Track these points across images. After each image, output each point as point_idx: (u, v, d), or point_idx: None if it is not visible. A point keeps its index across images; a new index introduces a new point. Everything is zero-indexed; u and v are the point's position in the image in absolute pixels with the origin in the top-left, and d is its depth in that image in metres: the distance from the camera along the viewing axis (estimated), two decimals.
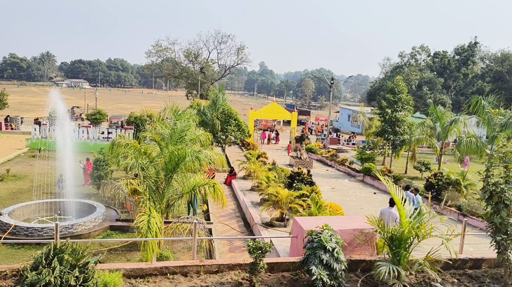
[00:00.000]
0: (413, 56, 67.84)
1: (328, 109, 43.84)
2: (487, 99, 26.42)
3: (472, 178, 21.49)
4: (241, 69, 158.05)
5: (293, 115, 41.93)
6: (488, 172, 5.96)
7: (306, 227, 5.69)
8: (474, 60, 65.04)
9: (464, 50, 64.78)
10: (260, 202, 17.51)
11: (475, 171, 6.61)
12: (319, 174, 27.37)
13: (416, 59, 67.80)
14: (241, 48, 63.23)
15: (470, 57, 64.17)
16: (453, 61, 64.19)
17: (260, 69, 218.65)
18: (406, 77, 54.27)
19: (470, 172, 22.16)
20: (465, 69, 62.97)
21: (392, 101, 29.45)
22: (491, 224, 5.79)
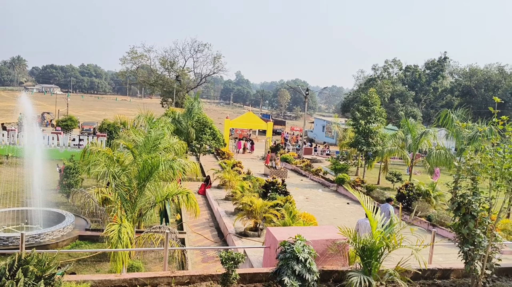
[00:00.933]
0: (386, 69, 69.50)
1: (303, 119, 44.29)
2: (456, 113, 27.32)
3: (442, 189, 22.04)
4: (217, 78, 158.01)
5: (269, 125, 42.14)
6: (456, 184, 6.13)
7: (279, 237, 5.68)
8: (444, 74, 67.15)
9: (434, 65, 66.85)
10: (234, 212, 17.41)
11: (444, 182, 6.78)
12: (294, 184, 27.49)
13: (389, 73, 69.48)
14: (217, 57, 63.35)
15: (440, 72, 66.23)
16: (423, 75, 66.10)
17: (236, 78, 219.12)
18: (379, 90, 55.48)
19: (440, 183, 22.74)
20: (435, 83, 64.92)
21: (366, 113, 30.00)
22: (459, 235, 5.93)
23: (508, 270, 7.17)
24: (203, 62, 66.75)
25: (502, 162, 5.81)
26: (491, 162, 5.92)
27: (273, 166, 30.33)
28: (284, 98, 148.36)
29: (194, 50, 63.29)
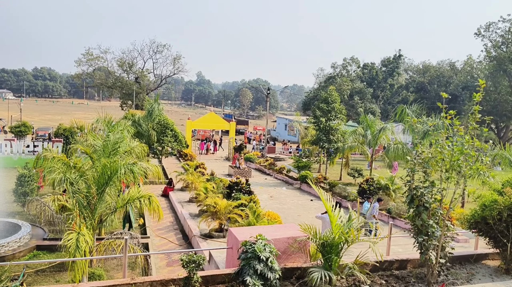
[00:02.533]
0: (345, 67, 71.02)
1: (266, 118, 44.57)
2: (411, 108, 28.35)
3: (400, 182, 22.80)
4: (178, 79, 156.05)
5: (231, 125, 42.09)
6: (410, 177, 6.36)
7: (241, 237, 5.70)
8: (399, 71, 69.42)
9: (390, 62, 68.99)
10: (198, 213, 17.28)
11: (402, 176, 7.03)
12: (258, 183, 27.59)
13: (348, 70, 71.04)
14: (177, 58, 62.42)
15: (395, 69, 68.41)
16: (380, 73, 68.07)
17: (197, 79, 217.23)
18: (339, 88, 56.58)
19: (398, 177, 23.52)
20: (391, 80, 67.00)
21: (326, 111, 30.54)
22: (413, 226, 6.16)
23: (461, 258, 7.52)
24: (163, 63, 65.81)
25: (451, 154, 6.09)
26: (441, 155, 6.19)
27: (237, 166, 30.34)
28: (246, 98, 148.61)
29: (153, 51, 62.16)
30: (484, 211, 7.01)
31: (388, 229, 7.93)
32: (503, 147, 23.77)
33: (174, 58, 62.44)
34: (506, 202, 6.72)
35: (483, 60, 60.12)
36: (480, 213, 7.14)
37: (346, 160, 32.48)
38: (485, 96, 56.52)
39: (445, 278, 6.49)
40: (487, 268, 7.25)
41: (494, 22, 55.88)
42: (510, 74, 54.14)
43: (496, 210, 6.77)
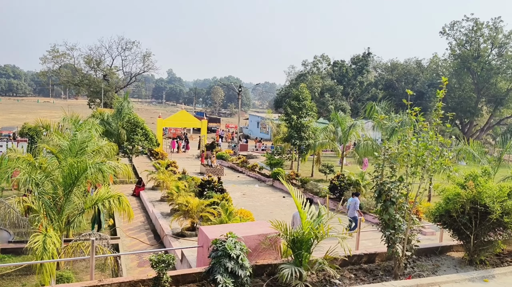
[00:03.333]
0: (315, 65, 71.81)
1: (238, 116, 44.55)
2: (380, 105, 28.98)
3: (369, 178, 23.27)
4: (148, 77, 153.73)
5: (203, 123, 41.81)
6: (377, 173, 6.51)
7: (211, 236, 5.68)
8: (368, 69, 70.80)
9: (359, 60, 70.24)
10: (170, 212, 17.11)
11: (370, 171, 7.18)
12: (230, 181, 27.57)
13: (318, 68, 71.85)
14: (147, 55, 61.42)
15: (364, 67, 69.71)
16: (350, 70, 69.20)
17: (168, 76, 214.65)
18: (310, 85, 57.17)
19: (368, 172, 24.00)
20: (360, 78, 68.24)
21: (297, 108, 30.77)
22: (381, 220, 6.31)
23: (427, 250, 7.76)
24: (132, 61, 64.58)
25: (416, 150, 6.27)
26: (407, 150, 6.36)
27: (209, 164, 30.20)
28: (218, 96, 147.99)
29: (122, 48, 60.87)
30: (448, 204, 7.26)
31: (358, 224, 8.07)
32: (467, 142, 24.64)
33: (143, 55, 61.46)
34: (469, 195, 6.97)
35: (448, 58, 62.11)
36: (444, 206, 7.39)
37: (317, 157, 32.86)
38: (450, 93, 58.51)
39: (412, 270, 6.69)
40: (452, 260, 7.51)
41: (458, 21, 57.86)
42: (473, 72, 56.16)
43: (459, 203, 7.02)
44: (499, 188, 6.99)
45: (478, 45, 56.28)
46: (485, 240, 7.11)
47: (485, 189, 6.91)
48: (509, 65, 54.15)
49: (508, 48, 55.52)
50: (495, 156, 23.49)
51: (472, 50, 56.43)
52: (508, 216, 6.80)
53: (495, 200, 6.77)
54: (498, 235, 7.20)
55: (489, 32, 55.71)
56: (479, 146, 23.46)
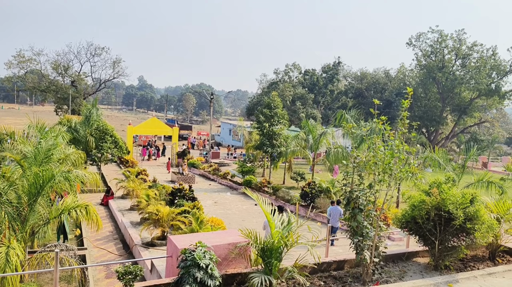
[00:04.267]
0: (287, 73, 72.54)
1: (210, 123, 44.38)
2: (350, 113, 29.55)
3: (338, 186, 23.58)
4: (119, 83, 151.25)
5: (174, 130, 41.42)
6: (346, 180, 6.62)
7: (180, 245, 5.61)
8: (338, 78, 72.09)
9: (330, 69, 71.45)
10: (140, 221, 16.80)
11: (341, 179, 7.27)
12: (202, 189, 27.38)
13: (290, 76, 72.61)
14: (117, 61, 60.35)
15: (335, 75, 70.95)
16: (321, 79, 70.27)
17: (139, 83, 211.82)
18: (281, 93, 57.65)
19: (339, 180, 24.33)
20: (331, 86, 69.39)
21: (269, 116, 30.96)
22: (349, 228, 6.41)
23: (394, 256, 7.92)
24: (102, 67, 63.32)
25: (383, 158, 6.42)
26: (375, 158, 6.51)
27: (180, 172, 29.91)
28: (190, 103, 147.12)
29: (91, 54, 59.64)
30: (413, 211, 7.45)
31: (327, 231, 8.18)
32: (433, 149, 25.43)
33: (113, 61, 60.41)
34: (433, 202, 7.18)
35: (415, 68, 64.06)
36: (410, 213, 7.57)
37: (289, 164, 33.10)
38: (416, 102, 60.32)
39: (379, 276, 6.81)
40: (418, 265, 7.70)
41: (424, 32, 59.83)
42: (438, 82, 58.12)
43: (424, 210, 7.21)
44: (461, 195, 7.24)
45: (443, 56, 58.36)
46: (449, 246, 7.33)
47: (449, 196, 7.14)
48: (472, 76, 56.34)
49: (471, 59, 57.80)
50: (459, 163, 24.33)
51: (437, 61, 58.45)
52: (471, 222, 7.04)
53: (458, 207, 7.00)
54: (462, 241, 7.44)
55: (453, 44, 57.89)
56: (444, 153, 24.25)
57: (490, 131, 71.68)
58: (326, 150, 32.24)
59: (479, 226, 7.05)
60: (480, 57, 56.54)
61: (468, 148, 24.76)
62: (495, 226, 7.53)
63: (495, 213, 8.17)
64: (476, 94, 57.98)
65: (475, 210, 7.12)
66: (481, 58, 56.31)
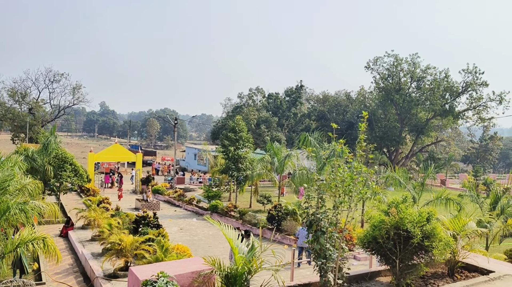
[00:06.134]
0: (251, 97, 73.44)
1: (174, 149, 43.93)
2: (313, 136, 30.14)
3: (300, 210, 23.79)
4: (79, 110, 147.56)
5: (138, 157, 40.71)
6: (307, 203, 6.74)
7: (141, 276, 5.49)
8: (301, 101, 73.67)
9: (293, 92, 72.97)
10: (102, 252, 16.25)
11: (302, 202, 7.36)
12: (167, 215, 26.93)
13: (254, 100, 73.53)
14: (77, 87, 59.04)
15: (298, 99, 72.47)
16: (284, 102, 71.53)
17: (100, 109, 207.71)
18: (246, 117, 58.16)
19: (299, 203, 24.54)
20: (294, 109, 70.71)
21: (234, 140, 31.10)
22: (313, 250, 6.50)
23: (358, 276, 8.06)
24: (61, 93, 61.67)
25: (343, 180, 6.61)
26: (334, 181, 6.68)
27: (145, 199, 29.31)
28: (154, 128, 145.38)
29: (50, 80, 58.08)
30: (374, 231, 7.64)
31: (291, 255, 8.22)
32: (394, 169, 26.23)
33: (73, 87, 59.05)
34: (392, 221, 7.40)
35: (373, 90, 66.40)
36: (371, 233, 7.76)
37: (255, 187, 33.15)
38: (377, 123, 62.27)
39: None
40: (381, 285, 7.85)
41: (381, 56, 62.42)
42: (396, 104, 60.40)
43: (384, 229, 7.41)
44: (418, 213, 7.51)
45: (399, 79, 60.89)
46: (410, 264, 7.53)
47: (406, 214, 7.39)
48: (427, 97, 58.93)
49: (425, 82, 60.58)
50: (419, 181, 25.17)
51: (394, 84, 60.90)
52: (428, 239, 7.29)
53: (415, 225, 7.24)
54: (421, 258, 7.66)
55: (408, 67, 60.62)
56: (405, 172, 25.06)
57: (447, 149, 74.77)
58: (291, 172, 32.60)
59: (437, 243, 7.31)
60: (434, 80, 59.35)
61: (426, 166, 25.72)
62: (451, 243, 7.82)
63: (452, 230, 8.51)
64: (432, 114, 60.56)
65: (432, 228, 7.39)
66: (435, 80, 59.12)
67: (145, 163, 59.89)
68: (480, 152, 79.82)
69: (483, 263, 8.88)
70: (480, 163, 76.61)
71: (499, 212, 18.98)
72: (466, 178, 51.46)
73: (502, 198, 19.71)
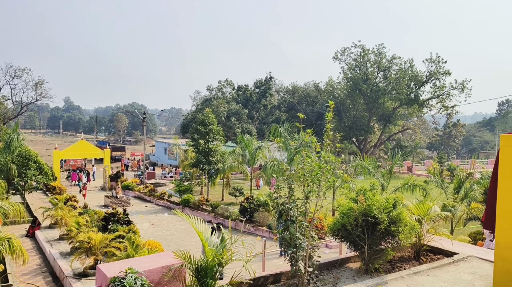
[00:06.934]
0: (220, 90, 72.95)
1: (143, 143, 43.21)
2: (283, 127, 30.32)
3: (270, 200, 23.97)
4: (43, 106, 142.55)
5: (106, 152, 39.81)
6: (277, 193, 6.78)
7: (110, 273, 5.38)
8: (271, 92, 73.77)
9: (262, 84, 72.94)
10: (71, 251, 15.88)
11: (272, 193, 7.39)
12: (138, 211, 26.57)
13: (223, 92, 73.07)
14: (39, 82, 56.94)
15: (267, 90, 72.51)
16: (254, 94, 71.46)
17: (65, 105, 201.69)
18: (216, 109, 57.79)
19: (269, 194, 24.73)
20: (264, 101, 70.77)
21: (204, 133, 30.90)
22: (283, 240, 6.55)
23: (328, 264, 8.20)
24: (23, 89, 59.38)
25: (311, 170, 6.68)
26: (303, 170, 6.75)
27: (114, 195, 28.76)
28: (122, 123, 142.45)
29: (11, 76, 55.79)
30: (343, 218, 7.78)
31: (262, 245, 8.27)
32: (363, 157, 26.79)
33: (36, 83, 56.95)
34: (360, 208, 7.56)
35: (342, 81, 67.31)
36: (340, 220, 7.90)
37: (227, 180, 33.11)
38: (346, 113, 63.28)
39: (315, 285, 7.00)
40: (350, 271, 8.02)
41: (348, 47, 63.29)
42: (364, 93, 61.50)
43: (352, 217, 7.57)
44: (385, 200, 7.70)
45: (366, 69, 61.97)
46: (377, 249, 7.72)
47: (373, 201, 7.56)
48: (393, 87, 60.27)
49: (391, 71, 61.92)
50: (387, 169, 25.83)
51: (362, 74, 61.94)
52: (395, 225, 7.49)
53: (382, 211, 7.43)
54: (388, 243, 7.87)
55: (375, 57, 61.75)
56: (373, 160, 25.66)
57: (413, 137, 76.90)
58: (263, 163, 32.73)
59: (403, 228, 7.52)
60: (399, 69, 60.73)
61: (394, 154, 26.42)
62: (416, 227, 8.06)
63: (417, 215, 8.77)
64: (398, 103, 62.03)
65: (397, 213, 7.59)
66: (400, 70, 60.50)
67: (113, 158, 58.76)
68: (444, 139, 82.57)
69: (447, 246, 9.21)
70: (444, 150, 79.29)
71: (463, 196, 19.73)
72: (431, 165, 53.19)
73: (465, 182, 20.50)
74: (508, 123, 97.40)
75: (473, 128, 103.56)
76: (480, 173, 29.27)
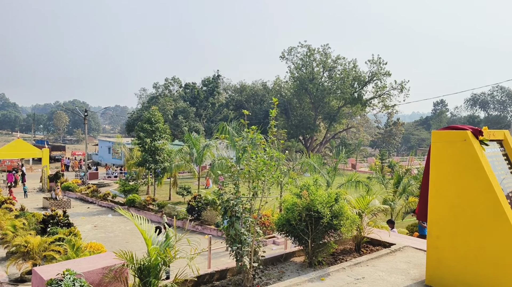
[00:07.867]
0: (167, 87, 71.70)
1: (85, 142, 41.46)
2: (231, 125, 30.33)
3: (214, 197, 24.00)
4: None
5: (44, 152, 37.79)
6: (221, 190, 6.80)
7: (46, 276, 5.14)
8: (219, 91, 73.58)
9: (210, 82, 72.56)
10: (6, 256, 15.04)
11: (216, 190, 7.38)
12: (80, 213, 25.57)
13: (170, 90, 71.89)
14: None
15: (215, 88, 72.25)
16: (201, 92, 70.91)
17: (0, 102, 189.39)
18: (162, 107, 56.75)
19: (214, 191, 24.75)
20: (212, 99, 70.45)
21: (150, 131, 30.27)
22: (228, 236, 6.58)
23: (273, 259, 8.33)
24: None
25: (256, 166, 6.76)
26: (248, 167, 6.81)
27: (53, 197, 27.44)
28: (62, 121, 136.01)
29: None
30: (288, 213, 7.94)
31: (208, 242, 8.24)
32: (309, 155, 27.44)
33: None
34: (304, 203, 7.74)
35: (289, 80, 68.45)
36: (285, 215, 8.05)
37: (174, 179, 32.63)
38: (292, 112, 64.45)
39: (260, 280, 7.09)
40: (295, 264, 8.20)
41: (295, 47, 64.45)
42: (310, 92, 62.95)
43: (296, 212, 7.74)
44: (328, 195, 7.95)
45: (312, 68, 63.47)
46: (321, 243, 7.95)
47: (316, 196, 7.78)
48: (338, 86, 62.19)
49: (336, 71, 63.85)
50: (332, 166, 26.62)
51: (308, 73, 63.36)
52: (337, 218, 7.75)
53: (325, 206, 7.66)
54: (331, 237, 8.13)
55: (320, 57, 63.39)
56: (319, 158, 26.37)
57: (357, 135, 79.80)
58: (211, 162, 32.56)
59: (344, 222, 7.80)
60: (344, 69, 62.76)
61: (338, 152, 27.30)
62: (357, 220, 8.39)
63: (358, 209, 9.14)
64: (342, 103, 64.11)
65: (339, 207, 7.86)
66: (344, 70, 62.54)
67: (53, 158, 56.06)
68: (385, 137, 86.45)
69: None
70: (385, 147, 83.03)
71: (402, 191, 20.78)
72: (373, 162, 55.53)
73: (404, 178, 21.61)
74: (442, 122, 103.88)
75: (411, 126, 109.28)
76: (417, 169, 30.98)
